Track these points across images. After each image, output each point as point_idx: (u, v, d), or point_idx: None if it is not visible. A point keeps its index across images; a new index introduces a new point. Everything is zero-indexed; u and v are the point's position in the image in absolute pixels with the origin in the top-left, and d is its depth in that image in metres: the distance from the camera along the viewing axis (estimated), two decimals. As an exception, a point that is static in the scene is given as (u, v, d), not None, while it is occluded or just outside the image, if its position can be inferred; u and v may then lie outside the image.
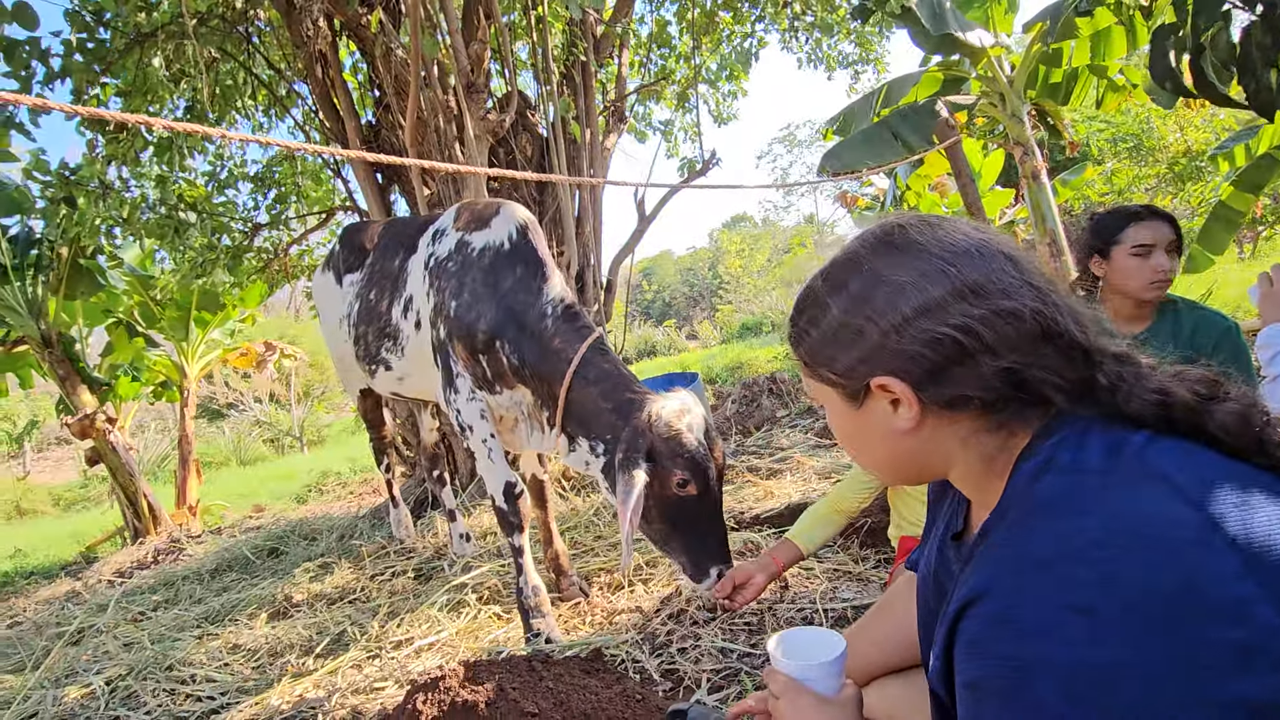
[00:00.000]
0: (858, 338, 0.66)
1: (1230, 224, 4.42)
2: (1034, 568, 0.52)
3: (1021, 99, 4.78)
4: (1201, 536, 0.49)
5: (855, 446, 0.74)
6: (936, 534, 0.80)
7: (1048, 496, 0.56)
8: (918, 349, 0.63)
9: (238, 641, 2.37)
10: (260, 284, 5.70)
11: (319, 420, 14.53)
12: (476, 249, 2.11)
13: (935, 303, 0.63)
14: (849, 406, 0.70)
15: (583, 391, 1.90)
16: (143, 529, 5.50)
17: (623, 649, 1.82)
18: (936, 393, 0.64)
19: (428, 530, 3.30)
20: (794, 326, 0.74)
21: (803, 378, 0.77)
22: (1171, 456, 0.56)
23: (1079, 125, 9.10)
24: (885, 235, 0.69)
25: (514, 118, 3.84)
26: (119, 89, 4.33)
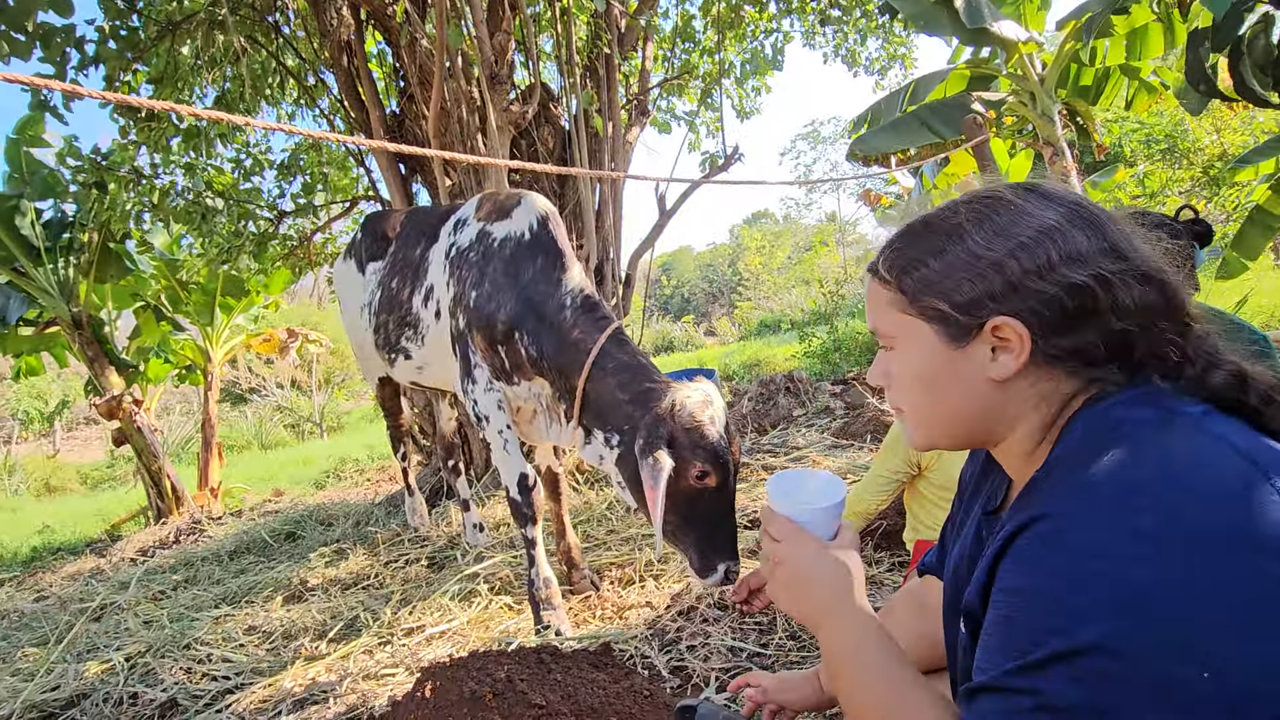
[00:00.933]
0: (994, 271, 0.63)
1: (1267, 229, 4.29)
2: (1095, 494, 0.53)
3: (1052, 98, 4.68)
4: (1258, 484, 0.51)
5: (928, 392, 0.70)
6: (974, 518, 0.78)
7: (1103, 442, 0.57)
8: (1055, 293, 0.62)
9: (253, 623, 2.40)
10: (285, 271, 5.78)
11: (339, 407, 14.72)
12: (497, 239, 2.12)
13: (1082, 252, 0.62)
14: (947, 346, 0.67)
15: (600, 383, 1.89)
16: (165, 509, 5.61)
17: (632, 644, 1.82)
18: (1052, 344, 0.63)
19: (442, 519, 3.33)
20: (900, 255, 0.70)
21: (882, 315, 0.72)
22: (1229, 426, 0.57)
23: (1112, 126, 8.89)
24: (1028, 184, 0.68)
25: (536, 109, 3.84)
26: (150, 76, 4.40)
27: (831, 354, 6.86)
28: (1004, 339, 0.64)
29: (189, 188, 4.69)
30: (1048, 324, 0.62)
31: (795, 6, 5.11)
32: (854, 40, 5.32)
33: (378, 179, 4.53)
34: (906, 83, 5.32)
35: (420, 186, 4.29)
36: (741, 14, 5.24)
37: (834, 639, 0.74)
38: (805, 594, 0.78)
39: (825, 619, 0.75)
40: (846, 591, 0.76)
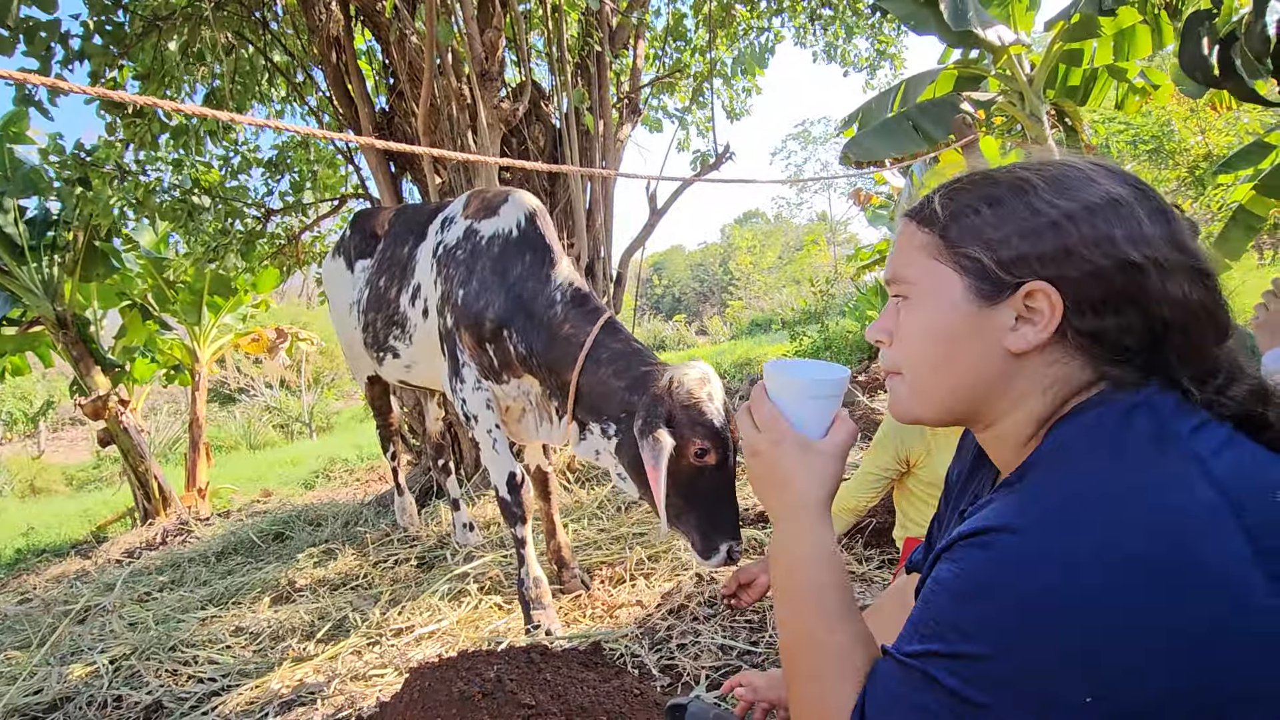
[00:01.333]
0: (1051, 231, 0.59)
1: (1250, 229, 4.34)
2: (1041, 509, 0.53)
3: (1041, 98, 4.71)
4: (1215, 515, 0.49)
5: (938, 351, 0.65)
6: (959, 517, 0.76)
7: (1078, 465, 0.56)
8: (1107, 267, 0.58)
9: (240, 624, 2.38)
10: (273, 270, 5.73)
11: (328, 407, 14.63)
12: (485, 237, 2.11)
13: (1145, 233, 0.59)
14: (973, 303, 0.62)
15: (594, 374, 1.87)
16: (152, 510, 5.55)
17: (622, 643, 1.81)
18: (1085, 322, 0.59)
19: (432, 519, 3.31)
20: (951, 200, 0.65)
21: (907, 260, 0.67)
22: (1216, 442, 0.55)
23: (1099, 126, 8.97)
24: (1097, 158, 0.65)
25: (527, 107, 3.83)
26: (136, 72, 4.36)
27: (822, 353, 6.89)
28: (1034, 308, 0.60)
29: (176, 185, 4.64)
30: (1086, 300, 0.58)
31: (786, 5, 5.12)
32: (844, 40, 5.34)
33: (367, 176, 4.50)
34: (897, 83, 5.35)
35: (410, 184, 4.27)
36: (733, 13, 5.24)
37: (784, 545, 0.72)
38: (771, 493, 0.74)
39: (782, 522, 0.73)
40: (811, 504, 0.72)
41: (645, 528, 2.74)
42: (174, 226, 4.85)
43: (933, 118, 4.51)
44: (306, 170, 5.23)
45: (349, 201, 5.14)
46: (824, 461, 0.74)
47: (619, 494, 3.23)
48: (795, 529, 0.71)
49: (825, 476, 0.73)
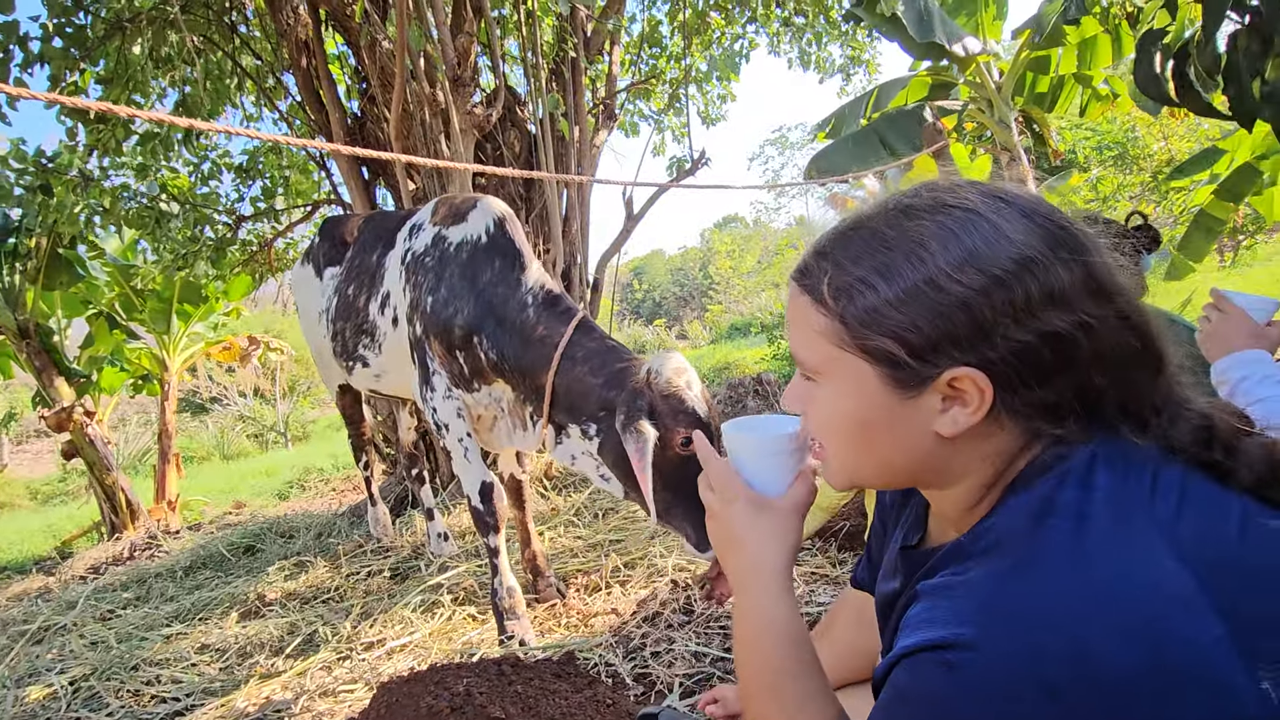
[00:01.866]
0: (962, 313, 0.52)
1: (1211, 232, 4.46)
2: (1007, 629, 0.47)
3: (1009, 105, 4.80)
4: (1186, 597, 0.46)
5: (858, 439, 0.59)
6: (894, 547, 0.74)
7: (1043, 550, 0.50)
8: (1031, 342, 0.52)
9: (206, 641, 2.33)
10: (245, 277, 5.64)
11: (304, 416, 14.40)
12: (453, 244, 2.09)
13: (1065, 291, 0.52)
14: (890, 395, 0.56)
15: (571, 373, 1.86)
16: (120, 524, 5.41)
17: (596, 652, 1.80)
18: (1017, 398, 0.54)
19: (406, 529, 3.27)
20: (840, 271, 0.57)
21: (809, 343, 0.59)
22: (1174, 498, 0.51)
23: (1066, 133, 9.18)
24: (1000, 191, 0.56)
25: (502, 113, 3.81)
26: (99, 76, 4.26)
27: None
28: (960, 390, 0.54)
29: (142, 192, 4.55)
30: (1016, 376, 0.53)
31: (760, 14, 5.17)
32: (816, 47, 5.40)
33: (339, 182, 4.45)
34: (870, 89, 5.42)
35: (384, 190, 4.22)
36: (708, 20, 5.28)
37: (744, 613, 0.69)
38: (728, 555, 0.71)
39: (741, 589, 0.70)
40: (766, 569, 0.68)
41: (622, 534, 2.73)
42: (142, 233, 4.75)
43: (899, 130, 4.58)
44: (278, 176, 5.15)
45: (322, 207, 5.07)
46: (780, 520, 0.70)
47: (596, 500, 3.21)
48: (753, 600, 0.68)
49: (781, 536, 0.69)
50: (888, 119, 4.74)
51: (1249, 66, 2.00)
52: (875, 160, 4.53)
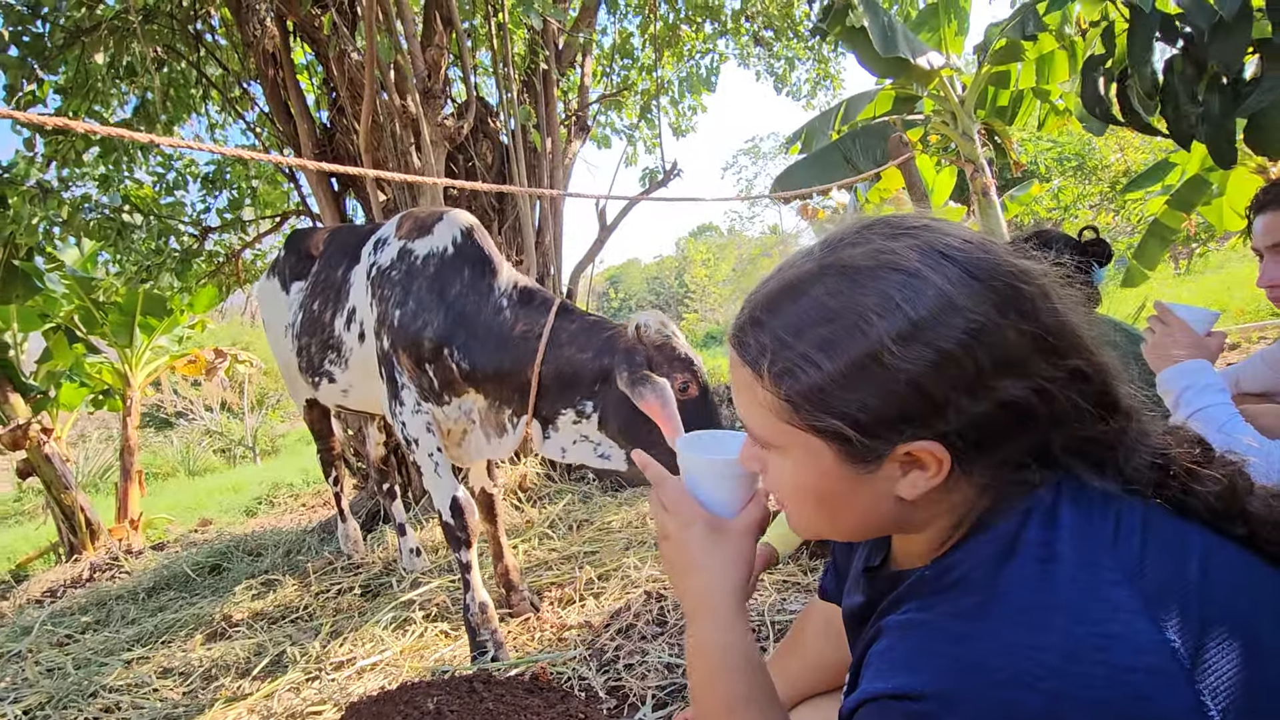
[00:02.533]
0: (913, 393, 0.50)
1: (1164, 241, 4.62)
2: (982, 684, 0.46)
3: (972, 118, 4.93)
4: (1159, 664, 0.45)
5: (818, 507, 0.59)
6: (857, 565, 0.73)
7: (1010, 592, 0.49)
8: (988, 411, 0.51)
9: (169, 665, 2.26)
10: (211, 289, 5.53)
11: (273, 430, 14.10)
12: (420, 256, 2.07)
13: (1016, 355, 0.51)
14: (846, 469, 0.55)
15: (558, 359, 1.87)
16: (79, 545, 5.24)
17: (569, 666, 1.79)
18: (978, 461, 0.53)
19: (378, 545, 3.22)
20: (782, 346, 0.54)
21: (758, 418, 0.58)
22: (1139, 538, 0.50)
23: (1028, 145, 9.45)
24: (931, 239, 0.53)
25: (473, 124, 3.81)
26: (58, 86, 4.16)
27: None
28: (918, 459, 0.53)
29: (104, 203, 4.44)
30: (976, 444, 0.52)
31: (730, 28, 5.24)
32: (783, 63, 5.50)
33: (308, 193, 4.39)
34: (838, 102, 5.52)
35: (354, 202, 4.18)
36: (679, 33, 5.34)
37: (696, 641, 0.68)
38: (681, 580, 0.70)
39: (693, 617, 0.69)
40: (720, 595, 0.68)
41: (596, 546, 2.73)
42: (103, 245, 4.63)
43: (863, 146, 4.68)
44: (246, 187, 5.08)
45: (291, 218, 5.00)
46: (735, 544, 0.69)
47: (571, 512, 3.20)
48: (710, 627, 0.68)
49: (737, 561, 0.69)
50: (853, 135, 4.84)
51: (1184, 90, 2.11)
52: (839, 176, 4.62)
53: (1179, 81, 2.13)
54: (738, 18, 5.16)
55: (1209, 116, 2.13)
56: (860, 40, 4.13)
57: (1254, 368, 1.55)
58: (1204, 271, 9.29)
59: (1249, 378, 1.56)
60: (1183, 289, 6.98)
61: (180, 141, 1.49)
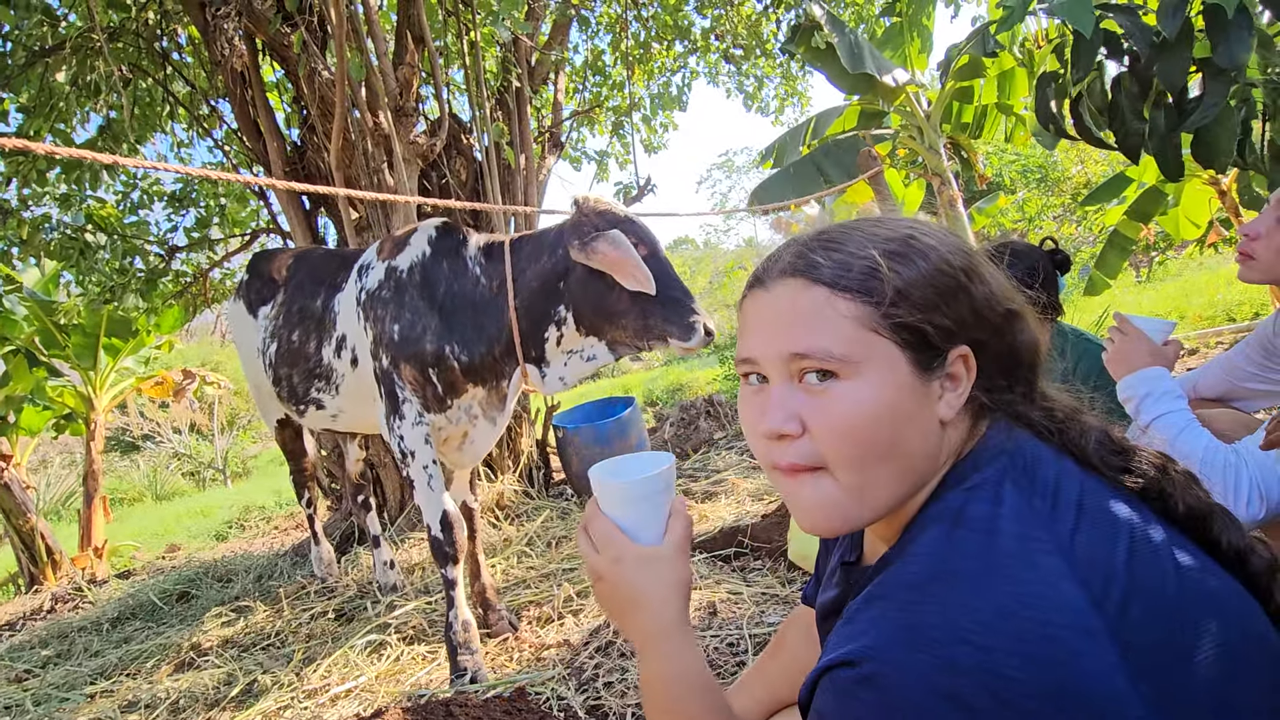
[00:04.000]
0: (962, 295, 0.59)
1: (1124, 250, 4.77)
2: (918, 642, 0.49)
3: (938, 133, 5.06)
4: (1085, 623, 0.48)
5: (890, 435, 0.57)
6: (836, 560, 0.75)
7: (953, 560, 0.52)
8: (1000, 324, 0.60)
9: (135, 698, 2.19)
10: (177, 309, 5.42)
11: (244, 451, 13.80)
12: (404, 270, 2.12)
13: (1005, 287, 0.63)
14: (916, 376, 0.57)
15: (526, 285, 1.95)
16: (39, 574, 5.07)
17: (548, 686, 1.77)
18: (988, 379, 0.60)
19: (352, 567, 3.16)
20: (857, 257, 0.58)
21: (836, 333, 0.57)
22: (1074, 514, 0.54)
23: (993, 158, 9.70)
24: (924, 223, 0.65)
25: (446, 141, 3.80)
26: (21, 104, 4.08)
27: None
28: (955, 374, 0.58)
29: (66, 222, 4.34)
30: (989, 358, 0.60)
31: (700, 45, 5.32)
32: (752, 81, 5.60)
33: (279, 212, 4.34)
34: (808, 118, 5.63)
35: (325, 220, 4.15)
36: (650, 50, 5.41)
37: (648, 675, 0.69)
38: (625, 617, 0.71)
39: (641, 652, 0.70)
40: (665, 626, 0.69)
41: (575, 563, 2.71)
42: (65, 265, 4.53)
43: (835, 159, 4.78)
44: (214, 205, 5.00)
45: (261, 236, 4.94)
46: (668, 569, 0.69)
47: (549, 529, 3.18)
48: (662, 659, 0.68)
49: (673, 586, 0.69)
50: (825, 149, 4.94)
51: (1130, 107, 2.21)
52: (813, 188, 4.71)
53: (1125, 98, 2.22)
54: (707, 36, 5.24)
55: (1155, 132, 2.22)
56: (827, 58, 4.23)
57: (1210, 373, 1.60)
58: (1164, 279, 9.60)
59: (1206, 383, 1.61)
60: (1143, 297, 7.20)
61: (146, 162, 1.47)
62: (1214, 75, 2.12)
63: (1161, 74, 2.14)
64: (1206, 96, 2.13)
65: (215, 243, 4.93)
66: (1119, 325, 1.38)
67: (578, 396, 8.94)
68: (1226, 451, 1.12)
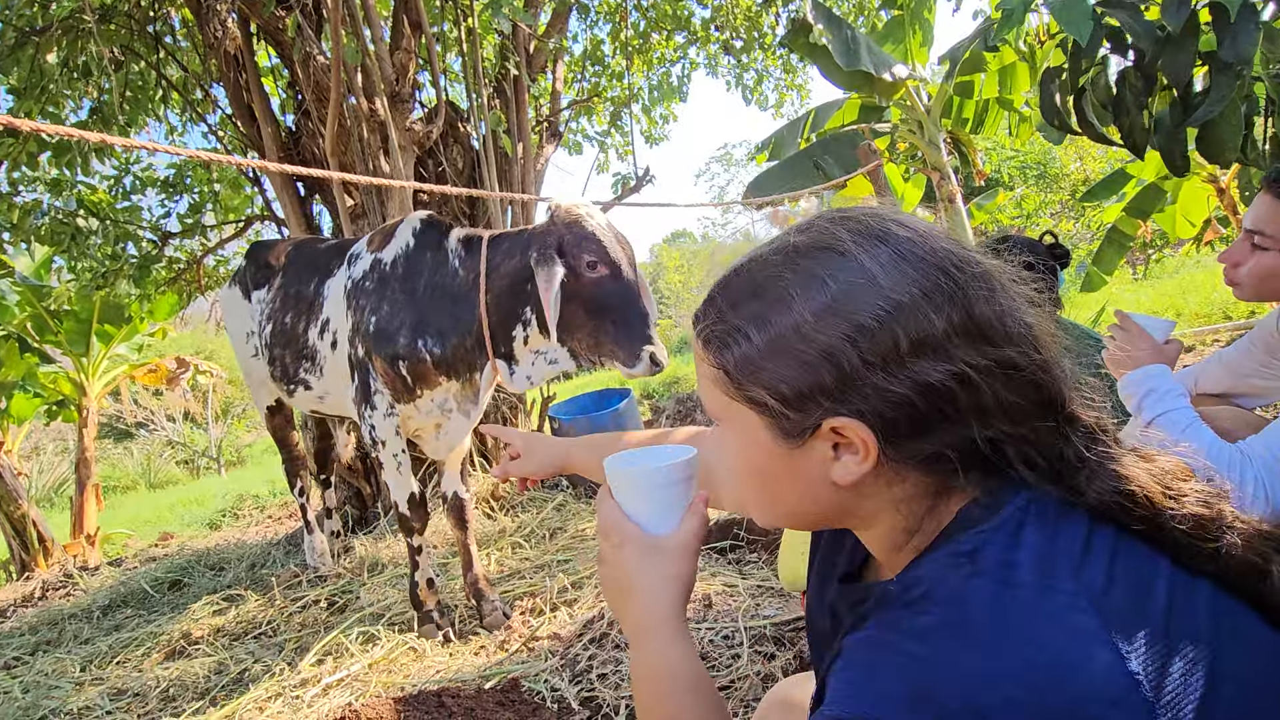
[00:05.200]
0: (826, 361, 0.51)
1: (1121, 247, 4.77)
2: (927, 709, 0.44)
3: (938, 127, 5.04)
4: (1119, 695, 0.43)
5: (764, 489, 0.59)
6: (831, 577, 0.70)
7: (966, 611, 0.47)
8: (905, 393, 0.50)
9: (125, 685, 2.18)
10: (171, 295, 5.37)
11: (238, 440, 13.76)
12: (388, 262, 2.15)
13: (938, 338, 0.50)
14: (779, 444, 0.55)
15: (497, 281, 1.96)
16: (30, 561, 5.03)
17: (541, 677, 1.77)
18: (904, 449, 0.52)
19: (346, 554, 3.15)
20: (720, 320, 0.56)
21: (706, 391, 0.60)
22: (1107, 560, 0.49)
23: (991, 154, 9.68)
24: (878, 226, 0.54)
25: (443, 129, 3.77)
26: (10, 86, 4.02)
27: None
28: (846, 438, 0.53)
29: (57, 207, 4.29)
30: (897, 427, 0.51)
31: (700, 36, 5.28)
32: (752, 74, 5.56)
33: (273, 198, 4.30)
34: (807, 111, 5.60)
35: (320, 206, 4.11)
36: (649, 40, 5.37)
37: (639, 665, 0.67)
38: (620, 605, 0.69)
39: (634, 641, 0.68)
40: (659, 618, 0.67)
41: (569, 554, 2.70)
42: (57, 251, 4.48)
43: (833, 154, 4.76)
44: (207, 191, 4.95)
45: (255, 223, 4.89)
46: (670, 561, 0.67)
47: (545, 521, 3.17)
48: (647, 652, 0.67)
49: (674, 579, 0.67)
50: (822, 144, 4.91)
51: (1135, 102, 2.19)
52: (809, 183, 4.69)
53: (1130, 93, 2.21)
54: (707, 27, 5.20)
55: (1161, 127, 2.21)
56: (822, 54, 4.20)
57: (1211, 370, 1.59)
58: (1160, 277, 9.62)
59: (1206, 379, 1.60)
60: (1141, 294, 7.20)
61: (141, 143, 1.44)
62: (1220, 69, 2.10)
63: (1166, 68, 2.13)
64: (1213, 91, 2.11)
65: (209, 229, 4.88)
66: (1120, 323, 1.37)
67: (574, 388, 8.93)
68: (1231, 450, 1.11)
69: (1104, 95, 2.24)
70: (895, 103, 4.98)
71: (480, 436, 3.62)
